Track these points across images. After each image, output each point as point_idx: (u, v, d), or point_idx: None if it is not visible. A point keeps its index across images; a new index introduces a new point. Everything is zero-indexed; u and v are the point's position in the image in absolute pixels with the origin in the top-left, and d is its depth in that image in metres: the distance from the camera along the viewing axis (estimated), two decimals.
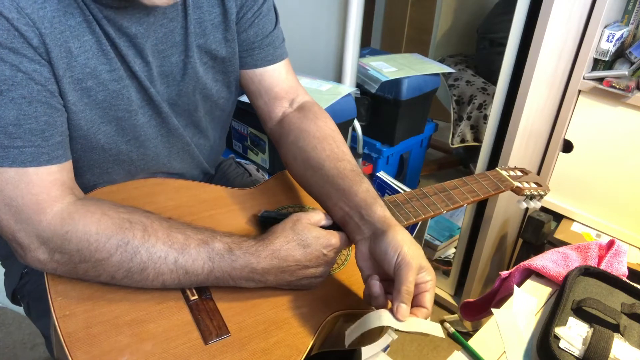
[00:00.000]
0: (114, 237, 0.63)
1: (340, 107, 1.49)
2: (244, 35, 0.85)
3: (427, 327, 0.63)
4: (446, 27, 2.56)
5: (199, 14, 0.79)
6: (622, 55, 1.36)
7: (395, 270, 0.64)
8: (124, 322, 0.63)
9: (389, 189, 1.69)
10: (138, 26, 0.71)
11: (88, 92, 0.70)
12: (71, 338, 0.60)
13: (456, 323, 1.71)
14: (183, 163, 0.89)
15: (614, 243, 1.01)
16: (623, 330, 0.80)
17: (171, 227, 0.67)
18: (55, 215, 0.64)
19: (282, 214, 0.79)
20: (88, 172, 0.79)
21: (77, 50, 0.67)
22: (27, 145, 0.63)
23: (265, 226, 0.78)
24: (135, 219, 0.65)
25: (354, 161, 0.80)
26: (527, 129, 1.39)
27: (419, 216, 0.88)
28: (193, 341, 0.63)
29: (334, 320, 0.71)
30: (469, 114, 2.10)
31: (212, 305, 0.68)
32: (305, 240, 0.68)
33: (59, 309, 0.63)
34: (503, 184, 1.02)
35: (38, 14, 0.62)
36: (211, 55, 0.83)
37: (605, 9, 1.27)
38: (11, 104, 0.61)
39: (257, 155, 1.51)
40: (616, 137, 1.37)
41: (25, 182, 0.63)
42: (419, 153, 2.08)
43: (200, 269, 0.66)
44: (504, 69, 1.35)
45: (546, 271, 0.97)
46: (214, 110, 0.90)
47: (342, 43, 1.67)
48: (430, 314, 0.64)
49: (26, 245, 0.64)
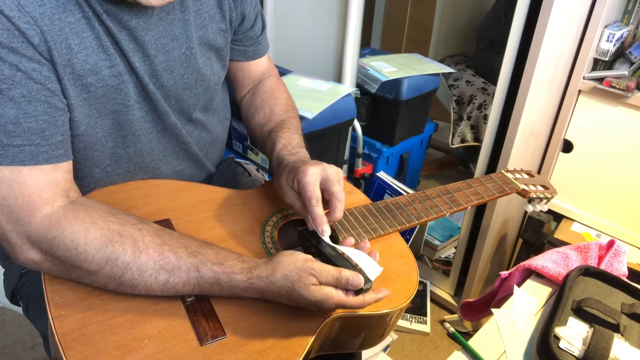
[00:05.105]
0: (103, 250, 0.63)
1: (340, 107, 1.49)
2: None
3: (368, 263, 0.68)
4: (446, 27, 2.56)
5: (198, 5, 0.80)
6: (622, 55, 1.36)
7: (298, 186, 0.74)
8: (119, 323, 0.63)
9: (389, 189, 1.68)
10: (138, 19, 0.71)
11: (88, 88, 0.70)
12: (66, 338, 0.60)
13: (456, 323, 1.70)
14: (179, 160, 0.89)
15: (614, 243, 1.00)
16: (623, 330, 0.80)
17: (163, 244, 0.66)
18: (44, 219, 0.63)
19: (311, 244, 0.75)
20: (88, 174, 0.79)
21: (77, 46, 0.67)
22: (27, 144, 0.63)
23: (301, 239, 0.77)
24: (125, 232, 0.65)
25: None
26: (527, 129, 1.39)
27: (421, 218, 0.88)
28: (189, 342, 0.63)
29: (332, 322, 0.70)
30: (469, 114, 2.10)
31: (209, 307, 0.67)
32: (298, 298, 0.65)
33: (54, 309, 0.63)
34: (508, 187, 1.01)
35: (38, 12, 0.62)
36: (209, 46, 0.84)
37: (605, 9, 1.27)
38: (11, 102, 0.61)
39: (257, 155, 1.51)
40: (616, 137, 1.36)
41: (18, 182, 0.63)
42: (419, 153, 2.08)
43: (190, 291, 0.67)
44: (504, 69, 1.35)
45: (546, 271, 0.97)
46: (213, 101, 0.92)
47: (342, 43, 1.67)
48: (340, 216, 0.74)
49: (18, 245, 0.64)
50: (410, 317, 1.71)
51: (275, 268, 0.65)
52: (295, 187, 0.75)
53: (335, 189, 0.74)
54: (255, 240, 0.79)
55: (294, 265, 0.65)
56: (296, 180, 0.74)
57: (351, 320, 0.72)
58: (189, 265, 0.65)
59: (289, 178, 0.76)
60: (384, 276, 0.76)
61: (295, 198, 0.76)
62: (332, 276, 0.64)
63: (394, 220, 0.86)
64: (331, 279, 0.64)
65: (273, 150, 0.86)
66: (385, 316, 0.74)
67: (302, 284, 0.63)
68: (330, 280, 0.64)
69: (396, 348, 1.62)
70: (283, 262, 0.66)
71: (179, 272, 0.65)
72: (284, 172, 0.78)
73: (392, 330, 0.83)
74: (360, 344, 0.80)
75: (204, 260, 0.66)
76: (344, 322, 0.72)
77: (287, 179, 0.77)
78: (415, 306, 1.75)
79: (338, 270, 0.65)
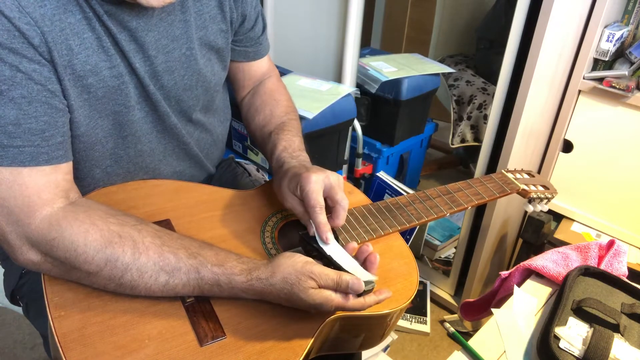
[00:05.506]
0: (102, 252, 0.63)
1: (340, 107, 1.49)
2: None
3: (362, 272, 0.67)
4: (446, 27, 2.56)
5: (199, 6, 0.80)
6: (622, 55, 1.36)
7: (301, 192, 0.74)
8: (119, 323, 0.63)
9: (389, 189, 1.68)
10: (138, 20, 0.71)
11: (88, 88, 0.70)
12: (66, 339, 0.60)
13: (456, 323, 1.70)
14: (179, 160, 0.89)
15: (614, 243, 1.00)
16: (623, 330, 0.80)
17: (163, 245, 0.66)
18: (44, 220, 0.63)
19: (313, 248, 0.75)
20: (88, 174, 0.79)
21: (77, 47, 0.67)
22: (27, 144, 0.63)
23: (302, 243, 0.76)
24: (125, 233, 0.65)
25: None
26: (527, 129, 1.39)
27: (421, 219, 0.87)
28: (188, 343, 0.63)
29: (332, 323, 0.70)
30: (469, 114, 2.10)
31: (209, 307, 0.67)
32: (297, 301, 0.65)
33: (54, 309, 0.63)
34: (509, 187, 1.01)
35: (39, 12, 0.62)
36: (210, 47, 0.84)
37: (605, 9, 1.27)
38: (11, 103, 0.61)
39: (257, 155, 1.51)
40: (616, 137, 1.36)
41: (18, 184, 0.63)
42: (419, 153, 2.08)
43: (190, 292, 0.67)
44: (504, 69, 1.35)
45: (546, 271, 0.97)
46: (213, 101, 0.92)
47: (342, 43, 1.66)
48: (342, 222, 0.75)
49: (17, 246, 0.64)
50: (410, 317, 1.71)
51: (275, 270, 0.65)
52: (297, 194, 0.75)
53: (339, 197, 0.75)
54: (256, 240, 0.79)
55: (293, 268, 0.65)
56: (299, 187, 0.74)
57: (351, 320, 0.72)
58: (189, 266, 0.65)
59: (291, 184, 0.76)
60: (384, 276, 0.76)
61: (297, 203, 0.76)
62: (331, 280, 0.64)
63: (394, 221, 0.86)
64: (330, 282, 0.64)
65: (273, 152, 0.86)
66: (386, 316, 0.74)
67: (301, 287, 0.63)
68: (330, 283, 0.64)
69: (396, 348, 1.62)
70: (282, 264, 0.65)
71: (179, 274, 0.65)
72: (285, 176, 0.78)
73: (392, 330, 0.83)
74: (361, 344, 0.80)
75: (203, 261, 0.66)
76: (344, 323, 0.72)
77: (290, 184, 0.77)
78: (415, 306, 1.75)
79: (338, 274, 0.65)
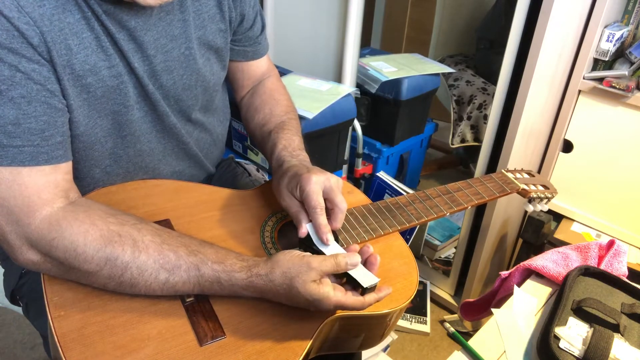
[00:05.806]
0: (102, 251, 0.63)
1: (340, 107, 1.49)
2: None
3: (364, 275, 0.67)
4: (446, 27, 2.56)
5: (197, 5, 0.80)
6: (622, 55, 1.36)
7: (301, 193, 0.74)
8: (119, 323, 0.63)
9: (389, 189, 1.68)
10: (137, 19, 0.71)
11: (87, 88, 0.70)
12: (65, 338, 0.60)
13: (456, 323, 1.70)
14: (179, 160, 0.89)
15: (614, 243, 1.00)
16: (623, 330, 0.80)
17: (163, 243, 0.66)
18: (44, 220, 0.63)
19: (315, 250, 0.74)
20: (88, 174, 0.79)
21: (76, 47, 0.67)
22: (26, 144, 0.63)
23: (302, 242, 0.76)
24: (125, 232, 0.65)
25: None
26: (527, 129, 1.39)
27: (421, 218, 0.87)
28: (188, 342, 0.63)
29: (332, 322, 0.70)
30: (469, 114, 2.10)
31: (209, 307, 0.67)
32: (296, 296, 0.65)
33: (54, 309, 0.63)
34: (508, 187, 1.01)
35: (38, 12, 0.62)
36: (209, 47, 0.84)
37: (605, 9, 1.27)
38: (10, 103, 0.61)
39: (257, 155, 1.51)
40: (616, 137, 1.36)
41: (18, 183, 0.63)
42: (419, 153, 2.08)
43: (190, 290, 0.67)
44: (504, 69, 1.35)
45: (546, 271, 0.97)
46: (212, 101, 0.92)
47: (342, 43, 1.66)
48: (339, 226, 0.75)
49: (17, 246, 0.64)
50: (410, 317, 1.71)
51: (274, 266, 0.65)
52: (296, 194, 0.75)
53: (338, 199, 0.75)
54: (255, 240, 0.79)
55: (292, 262, 0.65)
56: (299, 187, 0.74)
57: (351, 320, 0.72)
58: (189, 264, 0.65)
59: (290, 184, 0.76)
60: (384, 276, 0.76)
61: (293, 203, 0.76)
62: (329, 262, 0.65)
63: (394, 220, 0.86)
64: (329, 265, 0.65)
65: (273, 151, 0.86)
66: (385, 316, 0.74)
67: (300, 280, 0.63)
68: (329, 266, 0.65)
69: (396, 348, 1.62)
70: (281, 260, 0.66)
71: (179, 271, 0.65)
72: (285, 175, 0.78)
73: (392, 330, 0.83)
74: (360, 344, 0.80)
75: (204, 259, 0.66)
76: (344, 323, 0.72)
77: (289, 184, 0.76)
78: (415, 306, 1.75)
79: (334, 256, 0.66)
